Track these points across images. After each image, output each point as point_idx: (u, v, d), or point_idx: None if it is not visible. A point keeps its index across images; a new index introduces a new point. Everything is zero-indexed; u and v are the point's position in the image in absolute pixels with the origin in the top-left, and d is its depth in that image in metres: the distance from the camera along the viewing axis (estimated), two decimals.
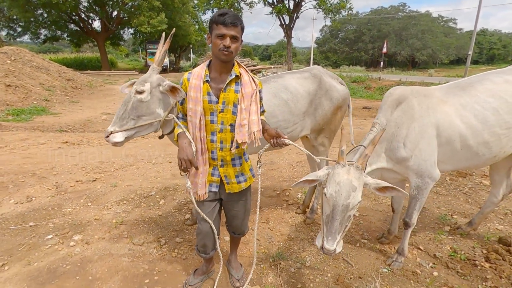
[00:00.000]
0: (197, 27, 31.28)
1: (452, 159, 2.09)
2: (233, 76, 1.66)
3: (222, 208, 2.00)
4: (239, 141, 1.69)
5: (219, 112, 1.69)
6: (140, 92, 1.80)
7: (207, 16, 32.31)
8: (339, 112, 2.68)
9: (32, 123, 6.95)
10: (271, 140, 1.73)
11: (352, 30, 45.67)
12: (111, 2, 24.50)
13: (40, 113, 7.99)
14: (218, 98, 1.67)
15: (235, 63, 1.72)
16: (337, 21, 12.56)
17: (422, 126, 1.98)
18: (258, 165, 1.85)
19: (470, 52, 14.89)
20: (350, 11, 12.31)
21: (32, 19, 22.14)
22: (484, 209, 2.73)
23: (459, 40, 43.83)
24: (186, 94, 1.71)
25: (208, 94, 1.67)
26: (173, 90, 1.78)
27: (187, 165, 1.63)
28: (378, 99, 12.59)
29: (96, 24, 26.61)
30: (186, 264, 2.39)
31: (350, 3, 12.09)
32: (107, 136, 1.80)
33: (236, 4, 12.63)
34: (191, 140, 1.69)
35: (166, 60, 26.15)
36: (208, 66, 1.73)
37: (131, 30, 28.86)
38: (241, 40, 1.66)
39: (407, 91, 2.08)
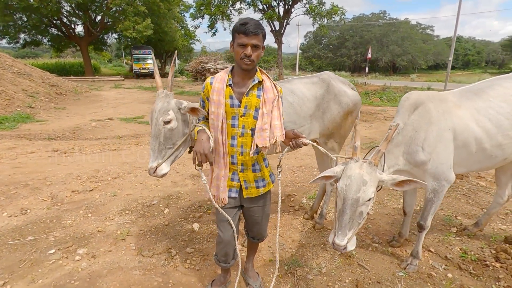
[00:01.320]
0: (183, 32, 31.10)
1: (467, 161, 2.14)
2: (256, 82, 1.67)
3: (242, 214, 1.97)
4: (260, 145, 1.67)
5: (241, 116, 1.67)
6: (168, 122, 1.86)
7: (196, 23, 32.19)
8: (349, 117, 2.70)
9: (18, 131, 6.63)
10: (290, 142, 1.74)
11: (336, 37, 46.75)
12: (94, 7, 23.99)
13: (25, 120, 7.65)
14: (240, 102, 1.66)
15: (257, 69, 1.72)
16: (325, 26, 12.78)
17: (440, 130, 2.02)
18: (279, 170, 1.84)
19: (451, 58, 15.51)
20: (343, 15, 12.62)
21: (11, 23, 21.33)
22: (490, 210, 2.80)
23: (437, 46, 45.72)
24: (208, 98, 1.69)
25: (231, 97, 1.66)
26: (193, 110, 1.82)
27: (202, 159, 1.60)
28: (365, 103, 12.85)
29: (79, 29, 25.91)
30: (201, 275, 2.31)
31: (343, 9, 12.39)
32: (154, 172, 1.86)
33: (227, 11, 12.62)
34: (210, 136, 1.67)
35: (152, 66, 25.78)
36: (231, 71, 1.72)
37: (115, 35, 28.35)
38: (263, 47, 1.66)
39: (423, 95, 2.12)
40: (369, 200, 1.64)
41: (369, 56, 18.68)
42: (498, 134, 2.06)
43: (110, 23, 24.24)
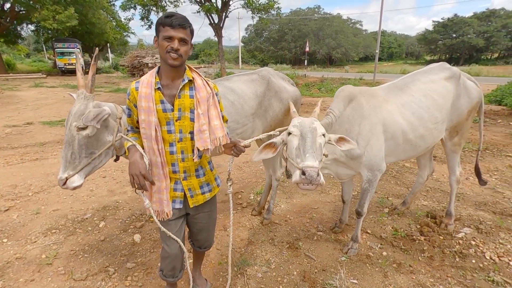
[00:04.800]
0: (114, 24, 28.55)
1: (395, 152, 2.33)
2: (186, 81, 1.55)
3: (186, 223, 1.86)
4: (201, 148, 1.57)
5: (176, 120, 1.55)
6: (83, 128, 1.64)
7: (128, 14, 29.79)
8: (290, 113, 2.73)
9: None
10: (231, 152, 1.68)
11: (276, 30, 47.80)
12: None
13: None
14: (173, 105, 1.54)
15: (187, 67, 1.60)
16: (265, 19, 12.92)
17: (372, 124, 2.15)
18: (229, 183, 1.78)
19: (377, 51, 17.06)
20: (279, 11, 12.84)
21: None
22: (414, 189, 3.14)
23: (366, 40, 49.86)
24: (136, 105, 1.53)
25: (162, 102, 1.52)
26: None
27: (140, 181, 1.47)
28: (306, 95, 13.42)
29: None
30: None
31: (278, 3, 12.60)
32: (64, 184, 1.65)
33: (161, 1, 11.81)
34: (143, 153, 1.54)
35: (81, 61, 23.33)
36: (158, 73, 1.57)
37: (32, 26, 24.74)
38: (191, 45, 1.56)
39: (356, 90, 2.24)
40: (323, 135, 1.70)
41: (307, 49, 19.63)
42: (420, 126, 2.29)
43: (24, 12, 21.01)
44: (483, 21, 40.49)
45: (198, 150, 1.58)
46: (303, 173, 1.51)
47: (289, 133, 1.72)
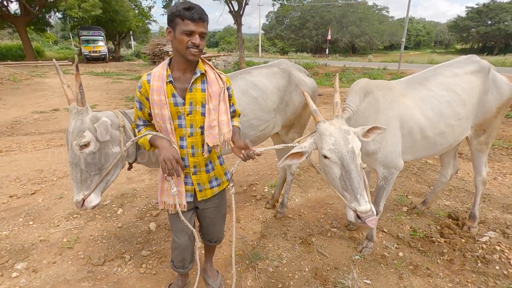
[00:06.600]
0: (137, 11, 28.91)
1: (412, 149, 2.22)
2: (198, 74, 1.53)
3: (196, 217, 1.87)
4: (211, 144, 1.57)
5: (187, 115, 1.54)
6: (86, 145, 1.58)
7: (149, 2, 29.97)
8: (308, 106, 2.65)
9: None
10: (240, 153, 1.59)
11: (297, 17, 46.64)
12: None
13: None
14: (184, 99, 1.52)
15: (199, 59, 1.57)
16: (286, 5, 12.54)
17: (388, 119, 2.05)
18: (231, 184, 1.74)
19: (404, 39, 16.25)
20: None
21: None
22: (435, 189, 3.00)
23: (391, 27, 47.62)
24: (148, 98, 1.52)
25: (173, 96, 1.51)
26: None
27: (174, 166, 1.45)
28: (326, 85, 13.10)
29: (14, 7, 22.89)
30: (158, 280, 2.20)
31: None
32: (82, 205, 1.62)
33: None
34: (170, 140, 1.53)
35: (105, 48, 23.93)
36: (169, 65, 1.55)
37: (59, 14, 25.54)
38: None
39: (372, 83, 2.14)
40: (360, 149, 1.58)
41: (329, 37, 18.96)
42: (440, 122, 2.15)
43: (51, 0, 21.69)
44: None
45: (208, 145, 1.57)
46: (359, 217, 1.48)
47: (325, 156, 1.55)
